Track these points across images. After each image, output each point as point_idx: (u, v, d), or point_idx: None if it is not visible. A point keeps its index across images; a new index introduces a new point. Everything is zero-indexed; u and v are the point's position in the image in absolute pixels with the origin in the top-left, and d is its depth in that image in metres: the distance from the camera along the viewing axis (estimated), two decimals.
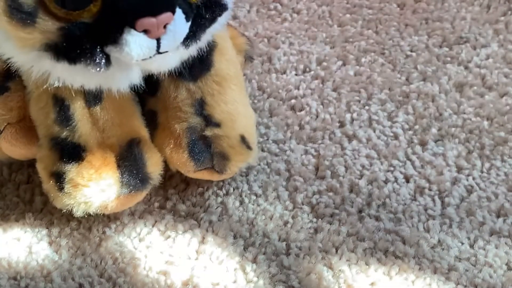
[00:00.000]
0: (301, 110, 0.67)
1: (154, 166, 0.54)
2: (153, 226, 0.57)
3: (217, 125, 0.55)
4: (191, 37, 0.45)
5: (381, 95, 0.69)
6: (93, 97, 0.52)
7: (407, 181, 0.60)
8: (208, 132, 0.55)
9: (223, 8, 0.47)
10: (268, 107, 0.67)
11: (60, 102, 0.52)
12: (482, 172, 0.61)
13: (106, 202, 0.52)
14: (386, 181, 0.60)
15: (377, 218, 0.57)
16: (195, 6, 0.44)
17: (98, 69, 0.43)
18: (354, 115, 0.66)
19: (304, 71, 0.71)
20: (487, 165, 0.61)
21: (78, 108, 0.52)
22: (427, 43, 0.75)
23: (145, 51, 0.42)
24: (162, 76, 0.53)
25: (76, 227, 0.57)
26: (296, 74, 0.70)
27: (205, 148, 0.55)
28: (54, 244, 0.56)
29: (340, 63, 0.72)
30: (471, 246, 0.55)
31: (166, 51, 0.44)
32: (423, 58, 0.73)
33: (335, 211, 0.58)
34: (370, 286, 0.53)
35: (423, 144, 0.64)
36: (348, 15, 0.79)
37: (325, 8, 0.79)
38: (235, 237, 0.56)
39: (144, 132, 0.55)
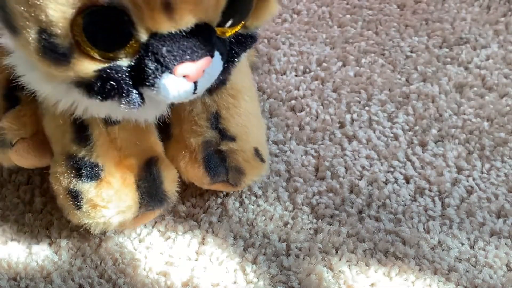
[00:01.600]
0: (301, 111, 0.67)
1: (171, 184, 0.53)
2: (153, 227, 0.57)
3: (232, 138, 0.55)
4: (223, 72, 0.44)
5: (381, 96, 0.69)
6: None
7: (407, 182, 0.60)
8: (224, 147, 0.54)
9: (254, 40, 0.46)
10: (268, 108, 0.67)
11: (78, 121, 0.50)
12: (482, 173, 0.61)
13: (124, 222, 0.52)
14: (386, 182, 0.60)
15: (377, 219, 0.57)
16: (228, 42, 0.43)
17: (131, 107, 0.42)
18: (354, 115, 0.66)
19: (304, 72, 0.71)
20: (487, 166, 0.61)
21: (96, 128, 0.51)
22: (427, 44, 0.75)
23: (182, 94, 0.41)
24: None
25: (76, 228, 0.57)
26: (296, 75, 0.70)
27: (220, 162, 0.54)
28: (54, 245, 0.56)
29: (340, 64, 0.72)
30: (471, 247, 0.55)
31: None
32: (423, 59, 0.73)
33: (335, 212, 0.58)
34: (370, 287, 0.53)
35: (423, 145, 0.64)
36: (348, 16, 0.79)
37: (325, 9, 0.79)
38: (235, 238, 0.56)
39: (160, 149, 0.54)
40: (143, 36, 0.38)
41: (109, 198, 0.50)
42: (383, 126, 0.65)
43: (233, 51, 0.44)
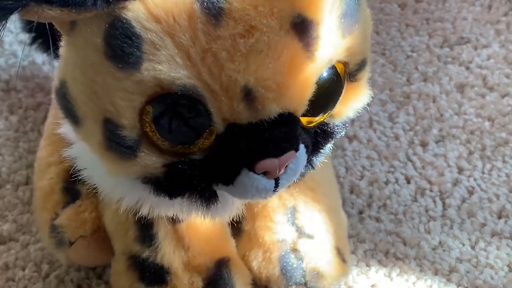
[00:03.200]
0: None
1: (243, 287, 0.48)
2: None
3: (310, 236, 0.50)
4: (307, 166, 0.39)
5: (381, 96, 0.68)
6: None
7: (408, 182, 0.60)
8: (301, 246, 0.49)
9: (342, 130, 0.40)
10: None
11: (142, 219, 0.45)
12: (483, 173, 0.61)
13: None
14: (386, 182, 0.60)
15: (378, 219, 0.57)
16: (313, 133, 0.38)
17: (203, 206, 0.37)
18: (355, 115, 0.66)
19: None
20: (488, 166, 0.61)
21: (162, 226, 0.46)
22: (428, 44, 0.75)
23: (262, 193, 0.36)
24: None
25: None
26: None
27: (298, 263, 0.49)
28: None
29: None
30: (472, 247, 0.55)
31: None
32: (424, 59, 0.73)
33: None
34: None
35: (424, 145, 0.63)
36: None
37: None
38: None
39: (232, 247, 0.49)
40: (220, 128, 0.34)
41: None
42: (383, 126, 0.65)
43: (318, 142, 0.39)
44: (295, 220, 0.50)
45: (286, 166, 0.36)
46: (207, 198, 0.37)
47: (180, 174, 0.35)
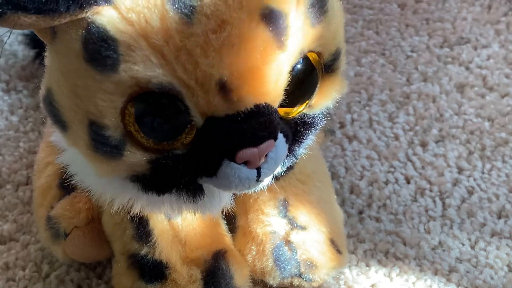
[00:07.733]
0: None
1: (242, 278, 0.49)
2: None
3: (303, 228, 0.50)
4: (289, 156, 0.40)
5: (381, 96, 0.68)
6: None
7: (408, 182, 0.60)
8: (294, 237, 0.49)
9: (321, 120, 0.41)
10: None
11: (138, 217, 0.46)
12: (483, 173, 0.61)
13: None
14: (386, 182, 0.60)
15: (378, 220, 0.57)
16: (293, 123, 0.39)
17: (190, 200, 0.38)
18: (355, 116, 0.66)
19: None
20: (488, 166, 0.61)
21: (157, 222, 0.47)
22: (427, 44, 0.75)
23: (245, 183, 0.37)
24: None
25: None
26: None
27: (291, 254, 0.49)
28: None
29: None
30: (472, 247, 0.55)
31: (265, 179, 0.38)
32: (423, 59, 0.73)
33: None
34: None
35: (423, 145, 0.63)
36: (348, 16, 0.79)
37: None
38: None
39: (228, 240, 0.50)
40: (199, 121, 0.35)
41: None
42: (383, 126, 0.65)
43: (299, 133, 0.40)
44: (287, 213, 0.50)
45: (266, 155, 0.36)
46: (193, 192, 0.38)
47: (164, 169, 0.36)
